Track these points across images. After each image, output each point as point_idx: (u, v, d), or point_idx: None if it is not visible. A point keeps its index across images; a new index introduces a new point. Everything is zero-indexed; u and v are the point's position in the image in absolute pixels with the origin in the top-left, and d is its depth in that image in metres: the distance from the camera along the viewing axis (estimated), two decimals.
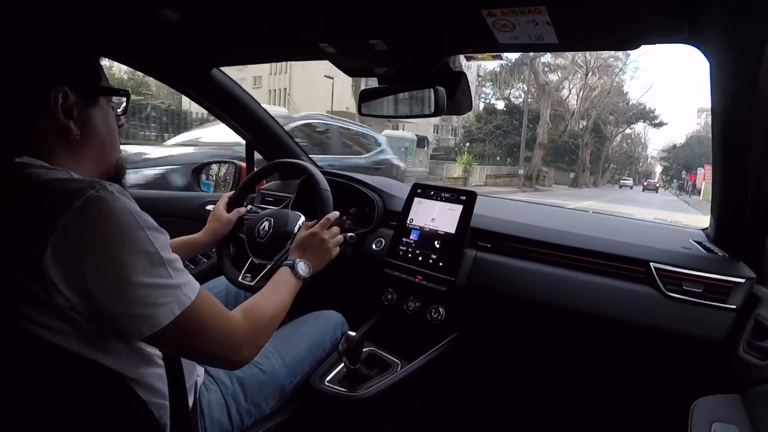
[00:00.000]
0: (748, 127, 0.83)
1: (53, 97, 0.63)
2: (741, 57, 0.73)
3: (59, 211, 0.53)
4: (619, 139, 46.91)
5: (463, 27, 0.84)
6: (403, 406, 1.15)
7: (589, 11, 0.73)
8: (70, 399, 0.58)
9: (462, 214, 1.27)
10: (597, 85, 28.65)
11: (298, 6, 0.88)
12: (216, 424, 0.86)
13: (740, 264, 1.06)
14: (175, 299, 0.60)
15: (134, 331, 0.58)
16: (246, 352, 0.73)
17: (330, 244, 1.06)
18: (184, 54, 1.31)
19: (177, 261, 0.63)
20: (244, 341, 0.72)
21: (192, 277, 0.66)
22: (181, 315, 0.60)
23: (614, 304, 1.08)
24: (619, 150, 47.14)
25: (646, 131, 53.06)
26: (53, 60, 0.64)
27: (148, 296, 0.58)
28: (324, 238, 1.05)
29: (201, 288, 0.66)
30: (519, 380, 1.40)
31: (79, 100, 0.66)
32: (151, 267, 0.58)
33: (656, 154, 66.17)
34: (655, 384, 1.15)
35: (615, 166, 47.71)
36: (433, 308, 1.23)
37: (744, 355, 0.90)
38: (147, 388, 0.67)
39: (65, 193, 0.55)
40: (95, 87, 0.70)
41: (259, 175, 1.40)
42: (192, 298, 0.62)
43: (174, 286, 0.61)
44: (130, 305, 0.57)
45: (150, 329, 0.58)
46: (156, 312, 0.58)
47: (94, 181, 0.58)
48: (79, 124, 0.66)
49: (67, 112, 0.65)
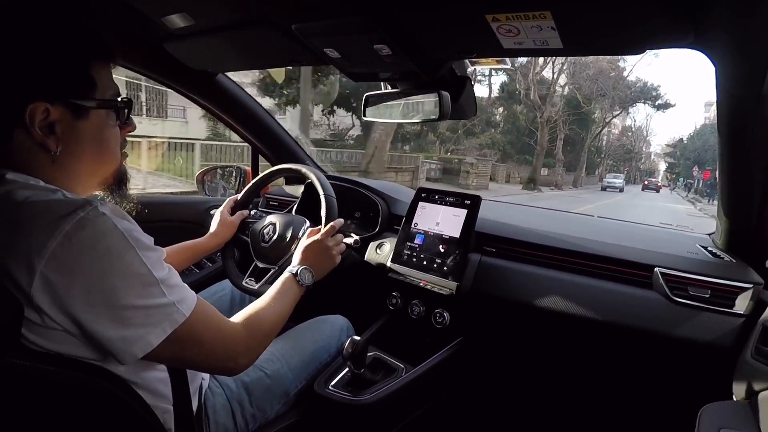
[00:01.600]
0: (755, 132, 0.83)
1: (28, 114, 0.59)
2: (747, 62, 0.72)
3: (48, 236, 0.53)
4: (618, 131, 41.69)
5: (467, 32, 0.84)
6: (408, 411, 1.15)
7: (594, 17, 0.72)
8: (74, 404, 0.58)
9: (466, 218, 1.26)
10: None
11: (304, 12, 0.88)
12: (221, 428, 0.86)
13: (747, 269, 1.05)
14: (168, 318, 0.60)
15: (127, 353, 0.58)
16: (243, 360, 0.73)
17: (334, 252, 1.06)
18: (190, 59, 1.32)
19: (171, 277, 0.62)
20: (242, 351, 0.72)
21: (189, 291, 0.65)
22: (174, 333, 0.60)
23: (619, 308, 1.07)
24: (617, 143, 42.90)
25: (648, 122, 47.04)
26: (33, 73, 0.60)
27: (139, 318, 0.57)
28: (328, 246, 1.05)
29: (199, 300, 0.66)
30: (524, 385, 1.39)
31: (64, 115, 0.62)
32: (142, 288, 0.58)
33: (660, 150, 59.49)
34: (662, 390, 1.14)
35: (611, 162, 43.07)
36: (437, 312, 1.23)
37: (752, 361, 0.90)
38: (151, 393, 0.68)
39: (54, 217, 0.54)
40: (87, 100, 0.65)
41: (263, 179, 1.40)
42: (187, 315, 0.62)
43: (167, 305, 0.60)
44: (121, 328, 0.56)
45: (142, 350, 0.58)
46: (147, 332, 0.58)
47: (86, 201, 0.57)
48: (65, 138, 0.63)
49: (49, 127, 0.61)
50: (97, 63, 0.66)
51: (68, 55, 0.63)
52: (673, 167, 48.20)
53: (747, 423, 0.77)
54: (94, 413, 0.60)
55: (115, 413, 0.61)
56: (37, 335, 0.55)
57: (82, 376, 0.57)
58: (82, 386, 0.57)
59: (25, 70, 0.60)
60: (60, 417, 0.58)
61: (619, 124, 42.82)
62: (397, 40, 0.88)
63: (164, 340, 0.59)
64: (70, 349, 0.57)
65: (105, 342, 0.56)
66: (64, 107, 0.62)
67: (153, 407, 0.66)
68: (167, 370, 0.71)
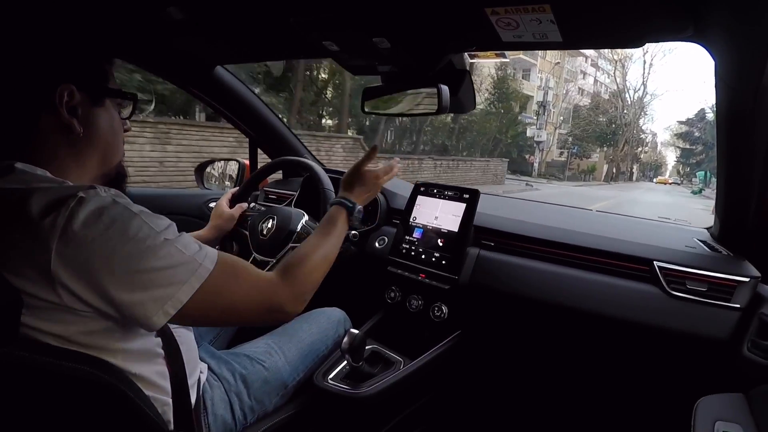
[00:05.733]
0: (754, 125, 0.83)
1: (59, 93, 0.63)
2: (746, 56, 0.72)
3: (56, 215, 0.54)
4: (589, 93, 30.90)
5: (466, 25, 0.84)
6: (406, 404, 1.16)
7: (594, 9, 0.72)
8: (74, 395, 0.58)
9: (465, 212, 1.27)
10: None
11: (302, 5, 0.88)
12: (219, 420, 0.86)
13: (745, 263, 1.05)
14: (193, 273, 0.61)
15: (161, 313, 0.58)
16: (290, 305, 0.73)
17: (381, 180, 1.06)
18: (188, 52, 1.31)
19: (185, 237, 0.63)
20: (283, 295, 0.73)
21: (208, 247, 0.66)
22: (202, 287, 0.61)
23: (617, 302, 1.08)
24: (588, 112, 31.19)
25: (646, 74, 32.99)
26: (61, 58, 0.65)
27: (163, 278, 0.58)
28: (379, 175, 1.05)
29: (223, 254, 0.67)
30: (522, 378, 1.40)
31: (85, 100, 0.67)
32: (158, 249, 0.59)
33: (669, 135, 41.74)
34: (659, 383, 1.14)
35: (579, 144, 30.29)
36: (436, 306, 1.23)
37: (748, 354, 0.90)
38: (150, 385, 0.68)
39: (60, 197, 0.56)
40: (102, 88, 0.70)
41: (262, 172, 1.40)
42: (210, 268, 0.63)
43: (188, 261, 0.61)
44: (149, 290, 0.57)
45: (174, 307, 0.59)
46: (176, 290, 0.59)
47: (89, 186, 0.59)
48: (83, 123, 0.67)
49: (72, 110, 0.65)
50: (107, 58, 0.72)
51: (88, 46, 0.69)
52: (687, 155, 34.90)
53: (743, 415, 0.78)
54: (93, 405, 0.60)
55: (114, 405, 0.61)
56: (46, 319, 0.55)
57: (82, 367, 0.57)
58: (81, 378, 0.57)
59: (54, 54, 0.64)
60: (59, 409, 0.58)
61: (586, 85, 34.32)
62: (396, 33, 0.88)
63: (194, 295, 0.60)
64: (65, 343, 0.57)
65: (136, 307, 0.57)
66: (86, 92, 0.67)
67: (152, 399, 0.67)
68: (166, 363, 0.72)
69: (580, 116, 32.39)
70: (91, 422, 0.61)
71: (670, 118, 73.90)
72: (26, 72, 0.63)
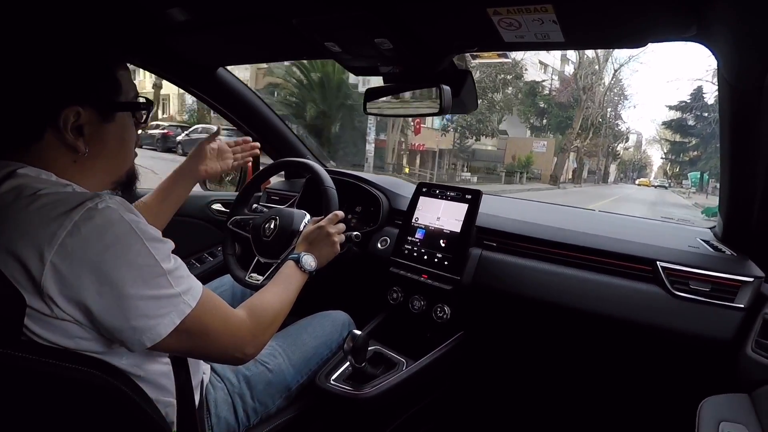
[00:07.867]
0: (757, 125, 0.83)
1: (63, 117, 0.61)
2: (749, 56, 0.72)
3: (58, 226, 0.53)
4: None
5: (468, 26, 0.84)
6: (409, 405, 1.16)
7: (596, 10, 0.72)
8: (77, 397, 0.58)
9: (467, 212, 1.26)
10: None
11: (304, 6, 0.88)
12: (222, 421, 0.86)
13: (748, 263, 1.05)
14: (175, 308, 0.61)
15: (136, 342, 0.58)
16: (251, 349, 0.74)
17: (335, 239, 1.06)
18: (190, 53, 1.32)
19: (179, 269, 0.63)
20: (248, 340, 0.73)
21: (195, 281, 0.66)
22: (181, 323, 0.61)
23: (621, 303, 1.08)
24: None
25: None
26: (66, 77, 0.62)
27: (147, 308, 0.58)
28: (330, 233, 1.05)
29: (205, 290, 0.66)
30: (525, 379, 1.39)
31: (92, 118, 0.65)
32: (150, 279, 0.58)
33: (656, 130, 30.53)
34: (662, 383, 1.14)
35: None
36: (438, 307, 1.23)
37: (752, 355, 0.90)
38: (154, 386, 0.68)
39: (64, 208, 0.55)
40: (112, 103, 0.68)
41: (264, 173, 1.40)
42: (193, 305, 0.63)
43: (174, 295, 0.61)
44: (130, 318, 0.57)
45: (151, 340, 0.59)
46: (156, 323, 0.59)
47: (95, 194, 0.58)
48: (91, 140, 0.65)
49: (78, 129, 0.63)
50: (119, 66, 0.69)
51: (97, 60, 0.66)
52: (678, 150, 25.82)
53: (747, 416, 0.78)
54: (96, 407, 0.60)
55: (118, 407, 0.61)
56: (44, 328, 0.55)
57: (85, 369, 0.57)
58: (85, 380, 0.57)
59: (59, 75, 0.62)
60: (63, 410, 0.58)
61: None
62: (398, 34, 0.88)
63: (173, 331, 0.60)
64: (77, 344, 0.57)
65: (114, 331, 0.57)
66: (94, 110, 0.65)
67: (155, 401, 0.67)
68: (170, 364, 0.72)
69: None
70: (95, 424, 0.61)
71: (661, 113, 57.67)
72: (30, 94, 0.61)
